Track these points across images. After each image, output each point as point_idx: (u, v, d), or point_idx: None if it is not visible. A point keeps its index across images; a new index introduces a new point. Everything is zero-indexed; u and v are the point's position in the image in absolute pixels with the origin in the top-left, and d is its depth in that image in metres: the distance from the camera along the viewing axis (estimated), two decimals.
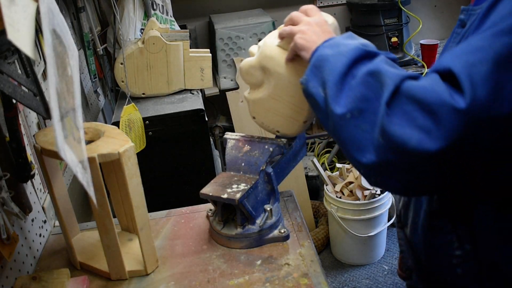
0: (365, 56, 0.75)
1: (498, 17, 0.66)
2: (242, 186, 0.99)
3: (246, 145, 1.05)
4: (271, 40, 0.96)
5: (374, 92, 0.70)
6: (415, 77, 0.69)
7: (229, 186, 0.99)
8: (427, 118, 0.63)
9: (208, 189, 1.00)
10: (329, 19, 0.95)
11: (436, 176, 0.67)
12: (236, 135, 1.08)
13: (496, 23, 0.65)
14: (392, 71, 0.70)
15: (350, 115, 0.71)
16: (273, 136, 1.06)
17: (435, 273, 0.86)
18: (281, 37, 0.94)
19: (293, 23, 0.92)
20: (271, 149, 1.03)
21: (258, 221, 1.02)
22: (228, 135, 1.09)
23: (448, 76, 0.65)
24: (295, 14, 0.93)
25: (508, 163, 0.67)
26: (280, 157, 1.07)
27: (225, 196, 0.97)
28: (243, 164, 1.04)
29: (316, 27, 0.88)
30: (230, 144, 1.08)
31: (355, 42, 0.79)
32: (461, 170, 0.66)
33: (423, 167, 0.66)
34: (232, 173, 1.05)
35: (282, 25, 0.95)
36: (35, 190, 1.11)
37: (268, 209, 1.02)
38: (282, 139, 1.03)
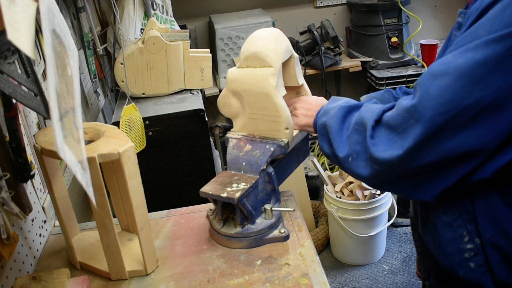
0: (350, 110, 0.94)
1: (483, 27, 0.74)
2: (242, 185, 0.99)
3: (248, 145, 1.05)
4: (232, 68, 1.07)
5: (361, 134, 0.87)
6: (390, 108, 0.85)
7: (229, 185, 0.99)
8: (400, 135, 0.80)
9: (208, 188, 1.00)
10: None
11: (426, 168, 0.80)
12: (238, 135, 1.08)
13: (478, 36, 0.74)
14: (372, 110, 0.86)
15: (351, 158, 0.90)
16: (274, 136, 1.06)
17: (449, 270, 0.88)
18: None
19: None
20: (272, 149, 1.03)
21: (258, 220, 1.02)
22: (230, 134, 1.09)
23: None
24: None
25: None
26: (281, 157, 1.07)
27: (224, 195, 0.97)
28: (244, 163, 1.04)
29: (301, 110, 1.07)
30: (231, 143, 1.08)
31: (339, 103, 0.97)
32: (441, 164, 0.79)
33: (407, 170, 0.81)
34: (232, 172, 1.05)
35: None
36: (35, 190, 1.11)
37: (268, 208, 1.02)
38: (284, 139, 1.03)
